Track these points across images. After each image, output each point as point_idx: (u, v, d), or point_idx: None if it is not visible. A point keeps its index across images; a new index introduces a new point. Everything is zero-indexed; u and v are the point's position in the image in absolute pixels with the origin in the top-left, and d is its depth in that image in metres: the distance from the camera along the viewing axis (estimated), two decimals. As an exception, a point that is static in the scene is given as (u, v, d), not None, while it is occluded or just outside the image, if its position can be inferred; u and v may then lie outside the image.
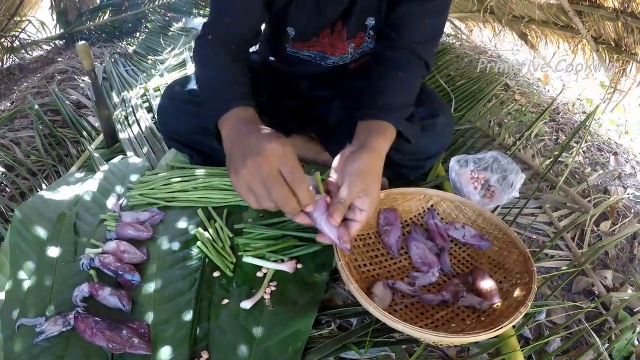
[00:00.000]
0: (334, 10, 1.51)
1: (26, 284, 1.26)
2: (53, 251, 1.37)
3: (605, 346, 1.32)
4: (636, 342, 1.39)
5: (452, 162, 1.76)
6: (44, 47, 4.27)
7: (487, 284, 1.24)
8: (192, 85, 1.61)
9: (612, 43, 2.97)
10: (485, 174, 1.76)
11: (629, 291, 1.61)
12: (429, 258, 1.34)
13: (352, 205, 1.12)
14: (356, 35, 1.60)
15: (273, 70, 1.78)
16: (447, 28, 4.47)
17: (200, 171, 1.62)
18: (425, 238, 1.42)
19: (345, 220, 1.12)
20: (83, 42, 1.79)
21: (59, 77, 3.10)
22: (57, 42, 4.34)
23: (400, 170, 1.66)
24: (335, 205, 1.07)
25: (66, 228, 1.44)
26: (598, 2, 2.75)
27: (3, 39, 3.91)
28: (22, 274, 1.30)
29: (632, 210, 2.07)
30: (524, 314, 1.08)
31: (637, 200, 2.25)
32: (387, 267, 1.34)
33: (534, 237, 1.78)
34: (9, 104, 2.82)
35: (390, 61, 1.42)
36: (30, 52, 4.12)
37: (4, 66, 3.87)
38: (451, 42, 4.15)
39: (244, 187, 1.04)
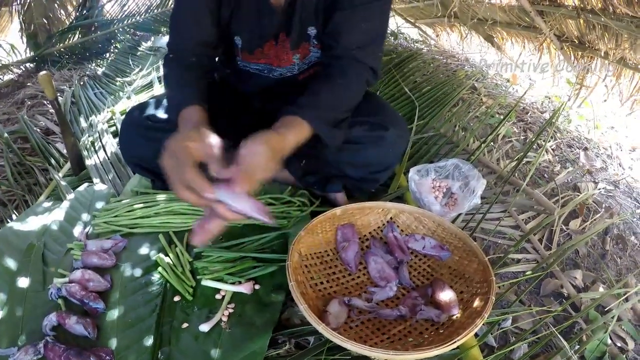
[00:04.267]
0: (272, 21, 1.54)
1: (-1, 315, 1.29)
2: (23, 282, 1.39)
3: (576, 348, 1.33)
4: (609, 341, 1.40)
5: (412, 172, 1.78)
6: (15, 70, 4.26)
7: (446, 295, 1.26)
8: (151, 110, 1.65)
9: (575, 40, 3.02)
10: (447, 182, 1.78)
11: (600, 289, 1.63)
12: (387, 272, 1.36)
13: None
14: (300, 45, 1.61)
15: (229, 87, 1.82)
16: (415, 34, 4.49)
17: (161, 196, 1.63)
18: (384, 252, 1.43)
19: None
20: (45, 72, 1.79)
21: (29, 103, 3.08)
22: (27, 65, 4.32)
23: (358, 185, 1.67)
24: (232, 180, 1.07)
25: (35, 258, 1.47)
26: (558, 1, 2.79)
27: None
28: (-7, 305, 1.31)
29: (603, 205, 2.10)
30: (479, 325, 1.09)
31: (609, 194, 2.27)
32: (345, 283, 1.36)
33: (499, 241, 1.79)
34: (-22, 131, 2.81)
35: (331, 68, 1.45)
36: (1, 77, 4.11)
37: (-26, 92, 3.86)
38: (419, 47, 4.17)
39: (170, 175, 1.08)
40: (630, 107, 2.96)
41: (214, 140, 1.12)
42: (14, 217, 1.85)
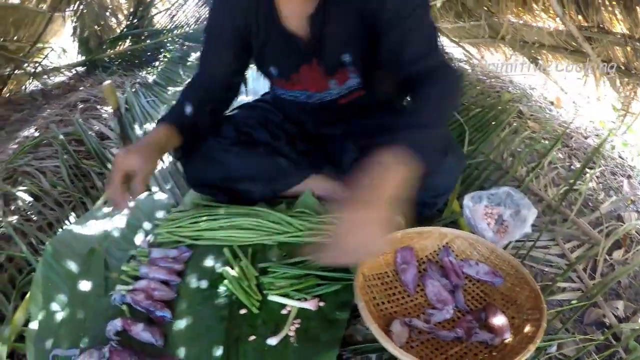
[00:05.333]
0: (301, 49, 1.60)
1: (59, 316, 1.34)
2: (85, 285, 1.44)
3: (616, 377, 1.36)
4: (646, 372, 1.43)
5: (466, 199, 1.82)
6: (66, 73, 4.37)
7: (499, 320, 1.30)
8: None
9: (621, 67, 3.02)
10: (499, 209, 1.81)
11: None
12: (444, 295, 1.40)
13: None
14: (336, 71, 1.66)
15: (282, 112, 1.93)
16: (459, 54, 4.51)
17: (225, 210, 1.68)
18: (440, 275, 1.47)
19: None
20: (108, 82, 1.89)
21: (82, 106, 3.16)
22: (78, 69, 4.43)
23: (417, 208, 1.66)
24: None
25: (96, 263, 1.52)
26: (606, 28, 2.80)
27: (26, 65, 4.01)
28: (54, 306, 1.37)
29: None
30: (532, 350, 1.13)
31: (652, 224, 2.28)
32: (404, 304, 1.40)
33: (546, 269, 1.80)
34: (32, 131, 2.91)
35: (411, 84, 1.44)
36: (52, 78, 4.22)
37: (27, 91, 3.96)
38: (464, 67, 4.19)
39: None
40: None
41: (138, 162, 1.37)
42: (71, 218, 1.91)
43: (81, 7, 4.35)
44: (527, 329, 1.25)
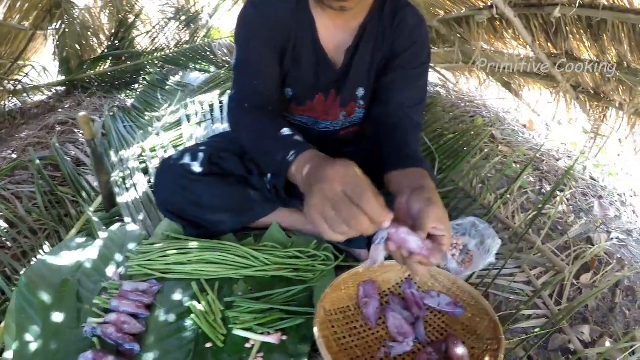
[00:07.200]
0: (328, 78, 1.65)
1: (33, 347, 1.36)
2: (57, 317, 1.46)
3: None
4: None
5: (432, 231, 1.84)
6: (46, 92, 4.37)
7: (458, 351, 1.33)
8: (186, 160, 1.75)
9: (591, 91, 3.10)
10: (464, 239, 1.85)
11: (607, 344, 1.67)
12: (405, 328, 1.43)
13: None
14: (348, 104, 1.73)
15: None
16: (435, 79, 4.56)
17: (193, 243, 1.71)
18: (402, 307, 1.51)
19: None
20: (84, 113, 1.87)
21: (59, 129, 3.18)
22: (58, 88, 4.44)
23: None
24: (423, 228, 1.08)
25: (69, 295, 1.54)
26: (575, 55, 2.87)
27: (6, 82, 4.01)
28: (28, 337, 1.39)
29: (615, 257, 2.13)
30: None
31: (622, 243, 2.31)
32: (366, 337, 1.44)
33: (511, 297, 1.83)
34: (10, 152, 2.91)
35: (394, 127, 1.56)
36: (31, 97, 4.22)
37: (6, 109, 3.95)
38: (439, 91, 4.25)
39: (315, 217, 1.03)
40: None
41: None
42: (45, 247, 1.91)
43: (63, 26, 4.38)
44: (487, 359, 1.29)
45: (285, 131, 1.39)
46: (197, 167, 1.73)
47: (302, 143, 1.31)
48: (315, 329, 1.29)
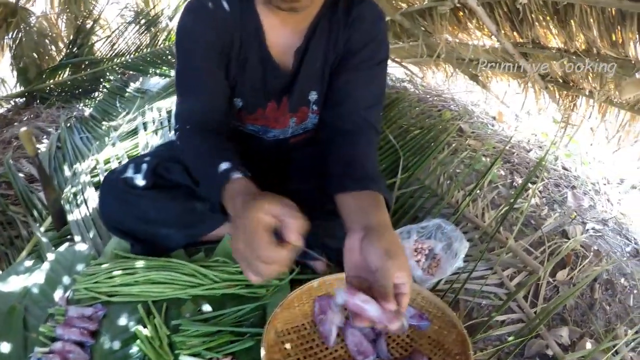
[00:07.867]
0: (278, 83, 1.55)
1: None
2: (5, 347, 1.41)
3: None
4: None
5: (394, 235, 1.77)
6: (4, 105, 4.26)
7: (425, 366, 1.26)
8: (129, 173, 1.66)
9: (560, 80, 3.04)
10: (430, 243, 1.77)
11: (588, 345, 1.61)
12: (365, 346, 1.35)
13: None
14: (298, 109, 1.63)
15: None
16: (401, 74, 4.50)
17: (140, 262, 1.63)
18: (362, 323, 1.43)
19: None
20: (25, 129, 1.80)
21: (15, 144, 3.08)
22: (17, 100, 4.33)
23: (336, 255, 1.63)
24: (384, 291, 0.98)
25: (16, 323, 1.48)
26: (542, 43, 2.81)
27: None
28: (-26, 368, 1.33)
29: (592, 249, 2.08)
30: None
31: (598, 234, 2.26)
32: (323, 358, 1.36)
33: (484, 302, 1.76)
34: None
35: (348, 132, 1.45)
36: (-11, 110, 4.12)
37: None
38: (406, 86, 4.19)
39: (240, 261, 1.02)
40: (616, 143, 2.98)
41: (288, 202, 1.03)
42: (-6, 272, 1.82)
43: (20, 34, 4.26)
44: (455, 375, 1.22)
45: (218, 157, 1.31)
46: (140, 181, 1.64)
47: (228, 170, 1.24)
48: (263, 353, 1.20)
